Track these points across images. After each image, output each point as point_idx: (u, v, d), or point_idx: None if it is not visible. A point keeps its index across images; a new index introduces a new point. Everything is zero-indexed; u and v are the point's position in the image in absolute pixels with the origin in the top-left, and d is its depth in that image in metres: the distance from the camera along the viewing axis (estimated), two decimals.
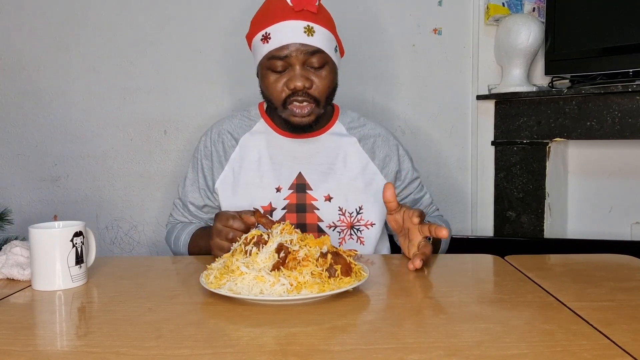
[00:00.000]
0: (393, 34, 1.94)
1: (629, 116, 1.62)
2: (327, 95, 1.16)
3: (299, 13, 1.10)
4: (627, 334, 0.65)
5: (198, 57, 1.93)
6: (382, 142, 1.27)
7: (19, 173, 1.98)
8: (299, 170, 1.21)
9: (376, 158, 1.25)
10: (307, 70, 1.13)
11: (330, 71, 1.15)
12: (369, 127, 1.29)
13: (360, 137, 1.26)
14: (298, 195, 1.20)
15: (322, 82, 1.14)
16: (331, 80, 1.16)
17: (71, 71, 1.94)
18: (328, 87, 1.15)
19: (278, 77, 1.13)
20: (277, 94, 1.14)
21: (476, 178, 1.98)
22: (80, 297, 0.85)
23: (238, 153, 1.24)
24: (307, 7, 1.10)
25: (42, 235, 0.88)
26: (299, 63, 1.11)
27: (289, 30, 1.10)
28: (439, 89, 1.96)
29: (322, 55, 1.12)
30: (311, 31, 1.10)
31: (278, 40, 1.11)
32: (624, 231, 1.83)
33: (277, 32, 1.11)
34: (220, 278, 0.82)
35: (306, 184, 1.20)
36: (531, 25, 1.79)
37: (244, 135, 1.25)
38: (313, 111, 1.15)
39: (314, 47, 1.11)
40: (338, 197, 1.20)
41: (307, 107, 1.13)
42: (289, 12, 1.11)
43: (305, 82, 1.11)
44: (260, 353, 0.61)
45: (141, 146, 1.96)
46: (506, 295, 0.82)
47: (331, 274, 0.81)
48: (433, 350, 0.61)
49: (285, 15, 1.11)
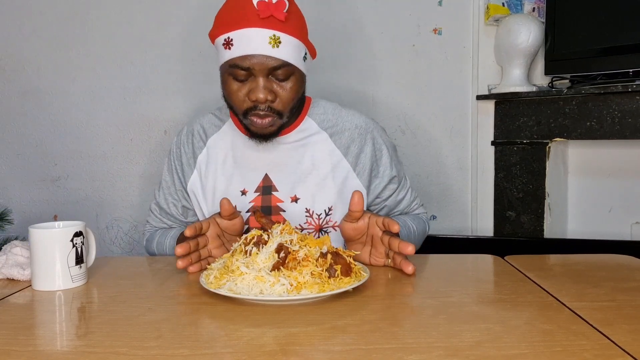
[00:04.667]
0: (393, 34, 1.94)
1: (629, 116, 1.62)
2: (292, 106, 1.10)
3: (265, 20, 1.02)
4: (627, 334, 0.65)
5: (198, 57, 1.93)
6: (357, 135, 1.19)
7: (19, 173, 1.98)
8: (265, 172, 1.16)
9: (349, 154, 1.18)
10: (270, 81, 1.06)
11: (295, 82, 1.08)
12: (345, 119, 1.20)
13: (332, 132, 1.19)
14: (263, 197, 1.14)
15: (287, 95, 1.07)
16: (296, 92, 1.09)
17: (71, 71, 1.94)
18: (292, 99, 1.09)
19: (240, 86, 1.07)
20: (239, 103, 1.08)
21: (476, 178, 1.98)
22: (80, 297, 0.85)
23: (205, 155, 1.20)
24: (274, 14, 1.02)
25: (42, 235, 0.88)
26: (262, 75, 1.04)
27: (253, 39, 1.02)
28: (439, 89, 1.96)
29: (287, 67, 1.05)
30: (277, 42, 1.02)
31: (241, 49, 1.03)
32: (624, 231, 1.83)
33: (240, 39, 1.03)
34: (220, 278, 0.82)
35: (272, 185, 1.15)
36: (531, 25, 1.79)
37: (212, 136, 1.21)
38: (274, 123, 1.09)
39: (279, 61, 1.03)
40: (305, 198, 1.14)
41: (268, 119, 1.08)
42: (254, 19, 1.02)
43: (268, 94, 1.05)
44: (260, 353, 0.61)
45: (141, 146, 1.96)
46: (506, 295, 0.82)
47: (331, 274, 0.81)
48: (433, 350, 0.61)
49: (250, 21, 1.02)
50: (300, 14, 1.11)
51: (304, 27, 1.11)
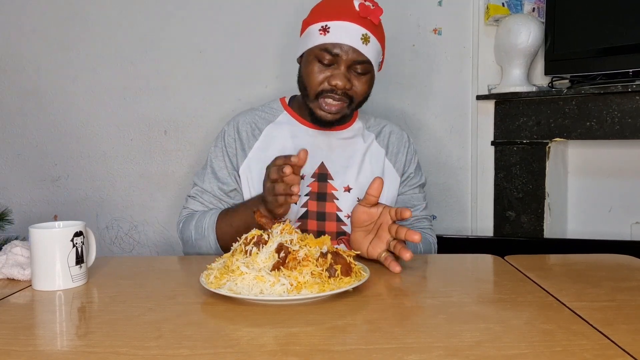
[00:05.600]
0: (393, 34, 1.93)
1: (629, 116, 1.63)
2: (361, 100, 1.23)
3: (362, 19, 1.16)
4: (627, 334, 0.65)
5: (198, 57, 1.93)
6: (395, 138, 1.34)
7: (19, 173, 1.98)
8: (321, 160, 1.25)
9: (389, 153, 1.32)
10: (350, 72, 1.18)
11: (369, 80, 1.21)
12: (387, 126, 1.36)
13: (377, 133, 1.33)
14: (320, 184, 1.23)
15: (361, 87, 1.20)
16: (369, 87, 1.22)
17: (71, 71, 1.94)
18: (365, 92, 1.21)
19: (322, 69, 1.18)
20: (316, 84, 1.18)
21: (476, 178, 1.98)
22: (80, 297, 0.85)
23: (262, 142, 1.27)
24: (370, 17, 1.17)
25: (42, 235, 0.88)
26: (346, 64, 1.16)
27: (349, 31, 1.16)
28: (439, 89, 1.96)
29: (367, 65, 1.18)
30: (367, 40, 1.16)
31: (336, 36, 1.16)
32: (624, 231, 1.83)
33: (338, 28, 1.16)
34: (220, 278, 0.82)
35: (328, 173, 1.24)
36: (531, 25, 1.79)
37: (267, 125, 1.29)
38: (341, 110, 1.20)
39: (364, 56, 1.17)
40: (356, 189, 1.24)
41: (339, 106, 1.19)
42: (354, 15, 1.16)
43: (347, 82, 1.16)
44: (260, 353, 0.61)
45: (141, 146, 1.96)
46: (506, 295, 0.82)
47: (331, 274, 0.81)
48: (433, 350, 0.61)
49: (349, 16, 1.16)
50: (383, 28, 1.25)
51: (385, 39, 1.26)
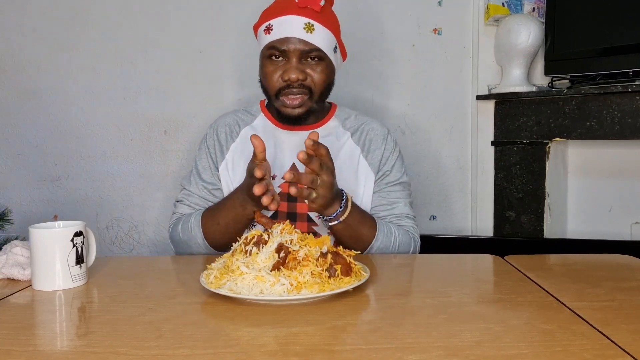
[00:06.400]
0: (393, 34, 1.94)
1: (629, 116, 1.62)
2: (322, 90, 1.21)
3: (302, 9, 1.16)
4: (627, 334, 0.65)
5: (198, 57, 1.92)
6: (374, 135, 1.31)
7: (19, 173, 1.98)
8: (293, 161, 1.25)
9: (365, 150, 1.29)
10: (303, 64, 1.18)
11: (326, 67, 1.20)
12: (366, 123, 1.33)
13: (353, 131, 1.31)
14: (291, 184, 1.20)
15: (318, 76, 1.19)
16: (327, 75, 1.20)
17: (71, 71, 1.93)
18: (323, 82, 1.20)
19: (275, 68, 1.18)
20: (273, 84, 1.19)
21: (476, 178, 1.98)
22: (80, 297, 0.85)
23: (239, 143, 1.30)
24: (310, 5, 1.16)
25: (42, 235, 0.88)
26: (296, 56, 1.17)
27: (290, 24, 1.16)
28: (439, 89, 1.96)
29: (319, 52, 1.17)
30: (311, 28, 1.16)
31: (279, 32, 1.16)
32: (623, 231, 1.83)
33: (279, 25, 1.17)
34: (220, 278, 0.82)
35: None
36: (531, 25, 1.79)
37: (244, 128, 1.31)
38: (304, 103, 1.19)
39: (311, 44, 1.16)
40: None
41: (299, 99, 1.18)
42: (293, 7, 1.16)
43: (299, 74, 1.16)
44: (260, 353, 0.61)
45: (141, 146, 1.96)
46: (506, 295, 0.82)
47: (331, 274, 0.81)
48: (433, 350, 0.61)
49: (289, 9, 1.17)
50: (334, 14, 1.24)
51: (336, 24, 1.24)
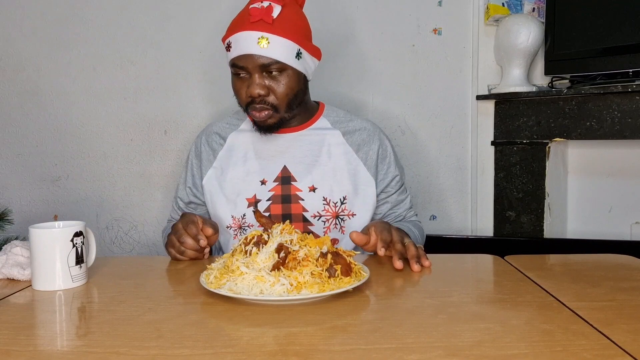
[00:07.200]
0: (393, 34, 1.94)
1: (629, 116, 1.62)
2: (287, 101, 1.20)
3: (255, 24, 1.14)
4: (627, 334, 0.65)
5: (198, 57, 1.93)
6: (366, 135, 1.31)
7: (19, 173, 1.98)
8: (283, 164, 1.25)
9: (360, 151, 1.29)
10: (264, 78, 1.17)
11: (289, 78, 1.18)
12: (355, 122, 1.33)
13: (344, 131, 1.30)
14: (283, 187, 1.24)
15: (281, 90, 1.18)
16: (290, 87, 1.19)
17: (71, 71, 1.94)
18: (286, 94, 1.19)
19: (242, 84, 1.20)
20: (242, 99, 1.21)
21: (476, 178, 1.98)
22: (80, 297, 0.85)
23: (226, 150, 1.31)
24: (263, 18, 1.14)
25: (42, 235, 0.88)
26: (257, 72, 1.16)
27: (245, 40, 1.15)
28: (439, 89, 1.96)
29: (278, 64, 1.16)
30: (265, 40, 1.14)
31: (236, 49, 1.17)
32: (623, 231, 1.83)
33: (236, 41, 1.17)
34: (220, 278, 0.82)
35: (291, 176, 1.25)
36: (531, 25, 1.78)
37: (231, 133, 1.32)
38: (272, 116, 1.20)
39: (267, 58, 1.15)
40: (322, 187, 1.24)
41: (264, 113, 1.19)
42: (247, 23, 1.15)
43: (261, 89, 1.16)
44: (260, 353, 0.61)
45: (141, 146, 1.96)
46: (506, 295, 0.82)
47: (331, 274, 0.81)
48: (433, 350, 0.61)
49: (243, 25, 1.16)
50: (297, 18, 1.21)
51: (297, 28, 1.20)
